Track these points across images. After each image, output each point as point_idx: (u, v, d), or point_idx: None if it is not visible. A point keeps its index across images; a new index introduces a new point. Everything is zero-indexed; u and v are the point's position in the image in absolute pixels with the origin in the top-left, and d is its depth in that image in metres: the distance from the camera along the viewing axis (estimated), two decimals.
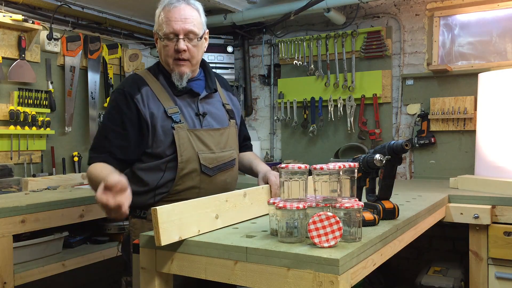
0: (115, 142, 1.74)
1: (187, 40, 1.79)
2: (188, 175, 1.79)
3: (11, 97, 3.18)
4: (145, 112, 1.76)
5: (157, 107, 1.78)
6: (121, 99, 1.78)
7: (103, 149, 1.75)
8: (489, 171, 2.87)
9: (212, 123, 1.88)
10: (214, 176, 1.84)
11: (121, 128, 1.75)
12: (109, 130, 1.77)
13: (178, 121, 1.78)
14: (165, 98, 1.80)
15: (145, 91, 1.79)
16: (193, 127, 1.81)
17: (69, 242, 2.89)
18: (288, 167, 1.45)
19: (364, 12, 3.98)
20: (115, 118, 1.77)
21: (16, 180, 3.04)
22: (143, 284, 1.52)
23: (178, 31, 1.76)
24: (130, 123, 1.75)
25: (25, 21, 3.12)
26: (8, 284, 2.32)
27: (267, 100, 4.50)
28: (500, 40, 3.55)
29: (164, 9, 1.80)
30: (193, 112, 1.84)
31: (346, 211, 1.40)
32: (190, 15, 1.79)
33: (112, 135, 1.75)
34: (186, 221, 1.45)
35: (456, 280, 2.71)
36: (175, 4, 1.79)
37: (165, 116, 1.77)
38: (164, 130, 1.76)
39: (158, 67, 1.90)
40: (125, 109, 1.76)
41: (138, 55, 4.07)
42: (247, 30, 4.35)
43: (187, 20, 1.77)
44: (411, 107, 3.76)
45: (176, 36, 1.77)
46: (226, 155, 1.89)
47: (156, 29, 1.83)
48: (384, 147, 1.68)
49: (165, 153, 1.77)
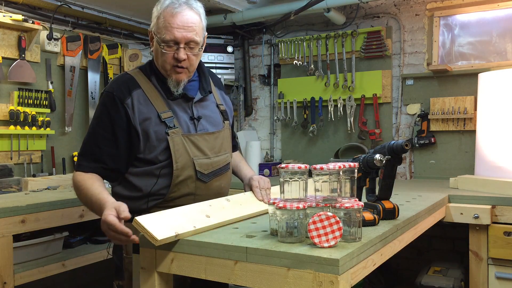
0: (106, 150, 1.68)
1: (188, 48, 1.71)
2: (183, 182, 1.73)
3: (11, 97, 3.18)
4: (135, 118, 1.69)
5: (150, 111, 1.70)
6: (111, 103, 1.70)
7: (93, 157, 1.69)
8: (489, 171, 2.87)
9: (207, 126, 1.82)
10: (210, 182, 1.80)
11: (111, 135, 1.69)
12: (99, 136, 1.70)
13: (172, 126, 1.71)
14: (158, 102, 1.73)
15: (137, 94, 1.71)
16: (188, 132, 1.75)
17: (69, 242, 2.89)
18: (288, 167, 1.45)
19: (364, 12, 3.98)
20: (105, 123, 1.70)
21: (16, 180, 3.05)
22: (143, 284, 1.52)
23: (179, 39, 1.68)
24: (120, 129, 1.69)
25: (25, 21, 3.12)
26: (8, 284, 2.32)
27: (267, 100, 4.50)
28: (500, 40, 3.55)
29: (165, 12, 1.70)
30: (188, 116, 1.78)
31: (346, 211, 1.40)
32: (192, 22, 1.70)
33: (103, 143, 1.69)
34: (180, 221, 1.47)
35: (456, 280, 2.71)
36: (178, 10, 1.68)
37: (159, 120, 1.70)
38: (157, 135, 1.69)
39: (150, 67, 1.81)
40: (114, 114, 1.69)
41: (138, 55, 4.07)
42: (247, 30, 4.35)
43: (189, 28, 1.68)
44: (411, 107, 3.76)
45: (176, 44, 1.69)
46: (221, 159, 1.84)
47: (154, 30, 1.73)
48: (384, 147, 1.68)
49: (158, 158, 1.70)
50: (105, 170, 1.70)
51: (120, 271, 1.83)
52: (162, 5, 1.72)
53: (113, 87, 1.73)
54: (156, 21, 1.73)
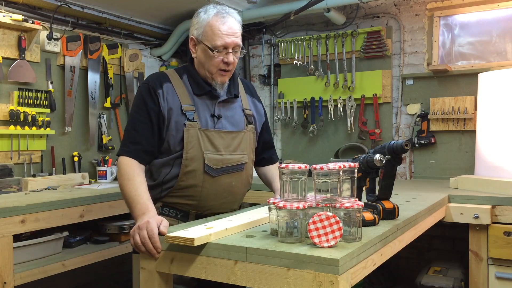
0: (143, 133, 1.82)
1: (233, 52, 1.85)
2: (191, 172, 1.83)
3: (11, 97, 3.18)
4: (164, 107, 1.83)
5: (175, 103, 1.84)
6: (146, 92, 1.85)
7: (132, 140, 1.82)
8: (489, 171, 2.87)
9: (226, 125, 1.91)
10: (218, 177, 1.87)
11: (148, 119, 1.83)
12: (137, 121, 1.84)
13: (191, 119, 1.83)
14: (183, 95, 1.87)
15: (166, 87, 1.86)
16: (205, 127, 1.86)
17: (69, 242, 2.88)
18: (288, 167, 1.45)
19: (364, 12, 3.98)
20: (142, 110, 1.84)
21: (16, 180, 3.04)
22: (143, 284, 1.52)
23: (229, 44, 1.82)
24: (154, 114, 1.83)
25: (25, 21, 3.12)
26: (8, 284, 2.32)
27: (267, 100, 4.50)
28: (500, 40, 3.55)
29: (213, 19, 1.82)
30: (209, 113, 1.89)
31: (346, 211, 1.40)
32: (238, 29, 1.86)
33: (140, 126, 1.82)
34: None
35: (456, 280, 2.72)
36: (226, 18, 1.83)
37: (180, 112, 1.83)
38: (177, 125, 1.82)
39: (184, 68, 1.96)
40: (150, 102, 1.83)
41: (138, 55, 4.06)
42: (247, 30, 4.35)
43: (236, 34, 1.84)
44: (411, 107, 3.76)
45: (225, 49, 1.82)
46: (234, 158, 1.91)
47: (202, 38, 1.84)
48: (384, 147, 1.68)
49: (175, 148, 1.83)
50: (142, 152, 1.82)
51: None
52: (209, 15, 1.84)
53: (148, 80, 1.91)
54: (203, 28, 1.84)
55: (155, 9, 3.88)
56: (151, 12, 3.96)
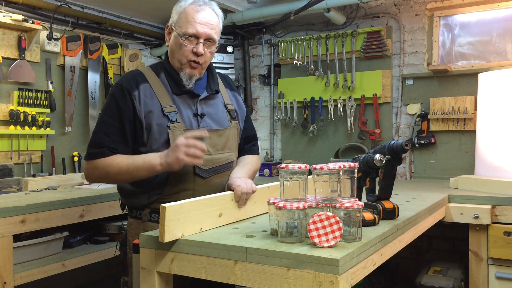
0: (115, 138, 1.73)
1: (206, 45, 1.78)
2: (181, 176, 1.74)
3: (11, 97, 3.18)
4: (140, 111, 1.74)
5: (154, 105, 1.75)
6: (119, 94, 1.76)
7: (103, 145, 1.72)
8: (489, 171, 2.87)
9: (211, 124, 1.84)
10: (209, 178, 1.80)
11: (119, 124, 1.74)
12: (108, 125, 1.74)
13: (174, 120, 1.75)
14: (163, 96, 1.77)
15: (144, 88, 1.77)
16: (190, 127, 1.78)
17: (69, 242, 2.88)
18: (288, 167, 1.45)
19: (364, 12, 3.98)
20: (114, 113, 1.75)
21: (16, 180, 3.04)
22: (143, 284, 1.51)
23: (201, 34, 1.75)
24: (127, 119, 1.74)
25: (25, 21, 3.12)
26: (8, 284, 2.32)
27: (267, 100, 4.50)
28: (500, 40, 3.55)
29: (189, 8, 1.77)
30: (192, 113, 1.81)
31: (346, 211, 1.40)
32: (214, 21, 1.79)
33: (111, 131, 1.73)
34: (190, 219, 1.47)
35: (456, 280, 2.72)
36: (203, 7, 1.78)
37: (162, 114, 1.74)
38: (159, 128, 1.74)
39: (161, 65, 1.87)
40: (123, 105, 1.74)
41: (138, 55, 4.07)
42: (247, 30, 4.35)
43: (211, 25, 1.77)
44: (411, 107, 3.76)
45: (197, 38, 1.76)
46: (223, 157, 1.85)
47: (175, 25, 1.79)
48: (384, 147, 1.68)
49: (160, 151, 1.72)
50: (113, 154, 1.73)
51: (126, 267, 1.85)
52: (186, 2, 1.80)
53: (122, 80, 1.80)
54: (178, 15, 1.80)
55: (155, 9, 3.88)
56: (151, 12, 3.96)
